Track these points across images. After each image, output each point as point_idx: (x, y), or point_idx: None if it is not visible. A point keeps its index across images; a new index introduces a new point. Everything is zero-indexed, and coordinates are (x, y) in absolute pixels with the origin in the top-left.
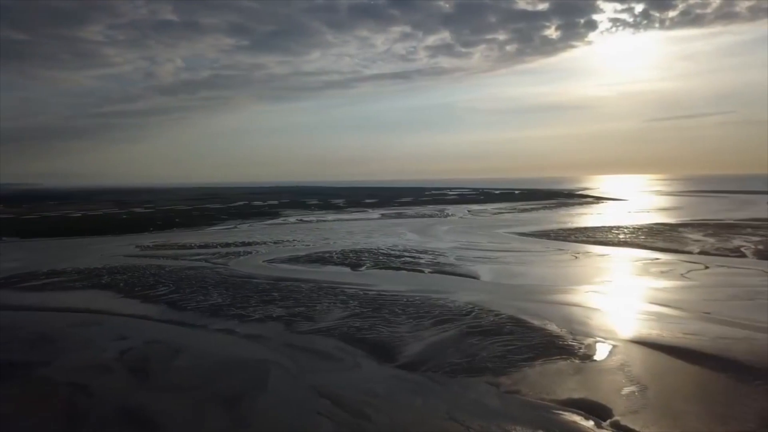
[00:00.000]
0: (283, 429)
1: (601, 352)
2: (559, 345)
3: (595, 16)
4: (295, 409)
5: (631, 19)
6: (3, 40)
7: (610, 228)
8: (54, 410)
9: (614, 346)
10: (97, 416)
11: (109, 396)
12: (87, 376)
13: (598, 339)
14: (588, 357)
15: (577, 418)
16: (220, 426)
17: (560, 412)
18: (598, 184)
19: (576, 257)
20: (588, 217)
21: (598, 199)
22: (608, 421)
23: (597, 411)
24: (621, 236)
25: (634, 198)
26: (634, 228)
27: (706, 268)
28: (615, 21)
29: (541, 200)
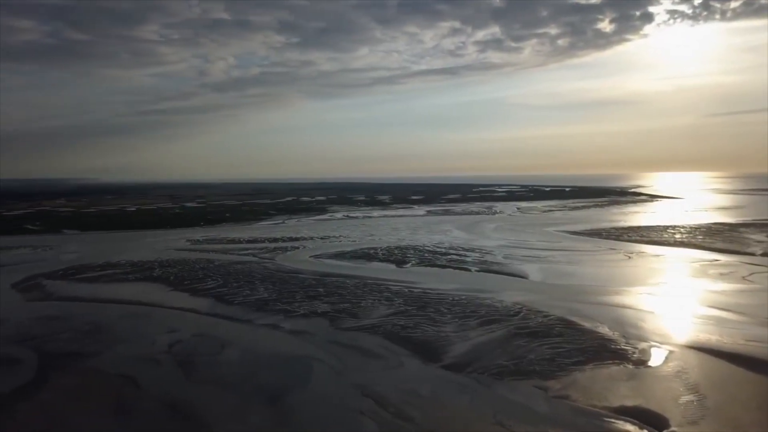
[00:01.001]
0: (325, 427)
1: (656, 357)
2: (611, 349)
3: (651, 9)
4: (338, 407)
5: (689, 11)
6: (65, 40)
7: (666, 227)
8: (103, 401)
9: (670, 352)
10: (144, 408)
11: (156, 388)
12: (136, 368)
13: (653, 343)
14: (642, 362)
15: (631, 428)
16: (263, 422)
17: (612, 420)
18: (652, 181)
19: (629, 257)
20: (641, 216)
21: (652, 197)
22: None
23: (652, 420)
24: (677, 236)
25: (691, 196)
26: (691, 227)
27: None
28: (673, 13)
29: (592, 198)
